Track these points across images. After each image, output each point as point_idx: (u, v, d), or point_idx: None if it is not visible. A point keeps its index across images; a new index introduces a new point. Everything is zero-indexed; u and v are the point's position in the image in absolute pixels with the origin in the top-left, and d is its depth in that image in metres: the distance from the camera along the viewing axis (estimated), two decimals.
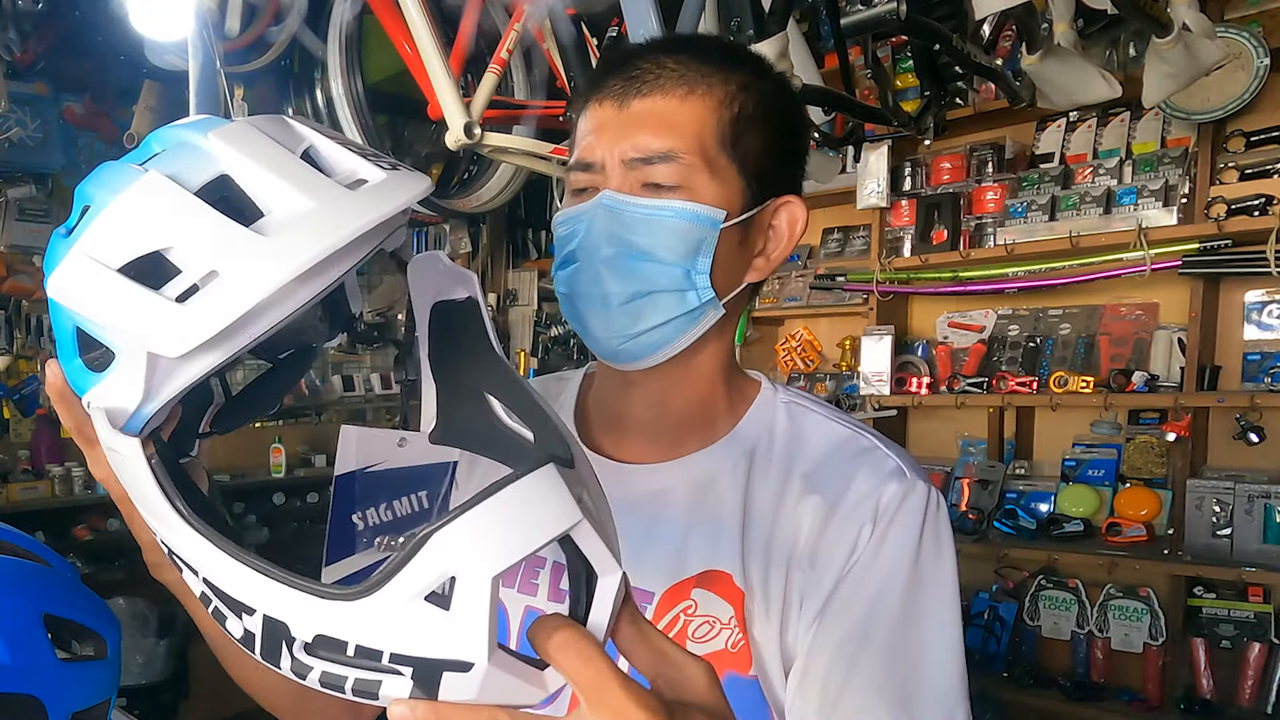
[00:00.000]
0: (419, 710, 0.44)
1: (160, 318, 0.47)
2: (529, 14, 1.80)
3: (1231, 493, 2.60)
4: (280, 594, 0.44)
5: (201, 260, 0.47)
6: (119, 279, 0.49)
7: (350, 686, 0.44)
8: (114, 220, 0.50)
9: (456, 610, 0.42)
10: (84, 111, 3.52)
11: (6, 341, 3.69)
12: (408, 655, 0.43)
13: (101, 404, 0.51)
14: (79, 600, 0.87)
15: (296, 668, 0.45)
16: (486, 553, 0.42)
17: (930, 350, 3.28)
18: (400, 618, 0.42)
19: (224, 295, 0.46)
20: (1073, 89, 1.78)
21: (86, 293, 0.50)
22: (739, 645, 0.79)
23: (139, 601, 3.21)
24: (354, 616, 0.43)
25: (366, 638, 0.43)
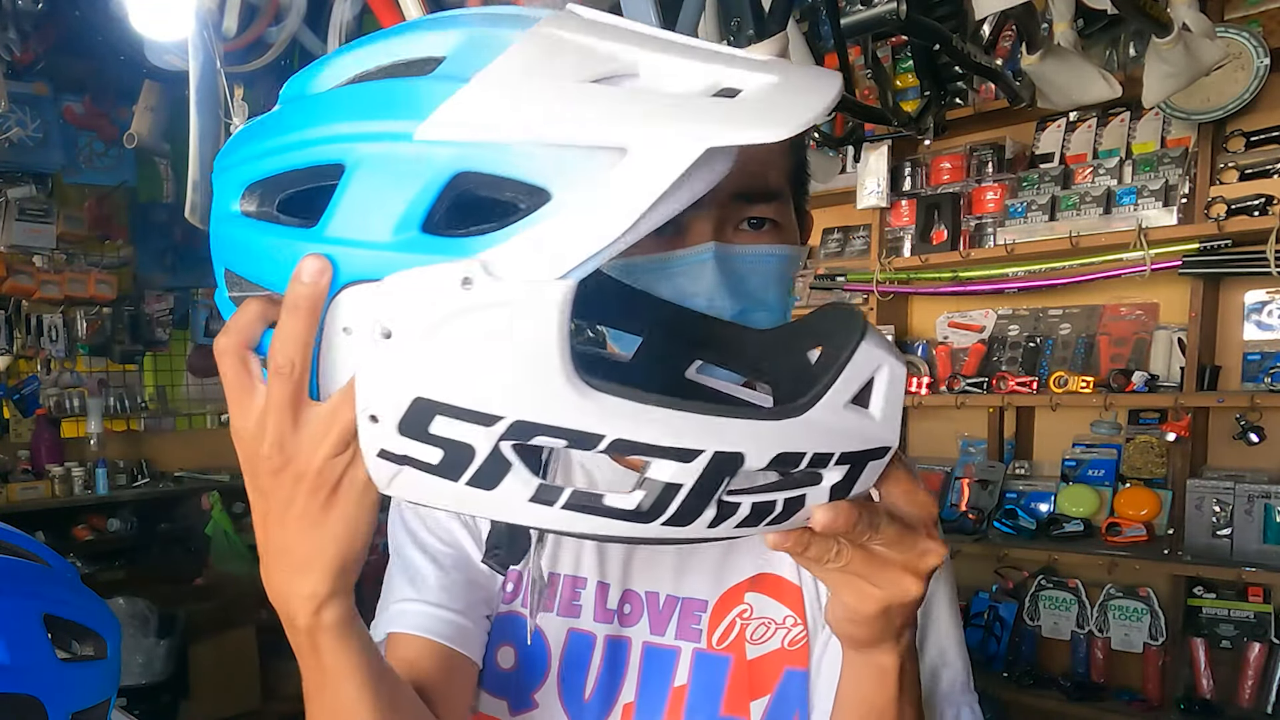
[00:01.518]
0: (844, 508, 0.51)
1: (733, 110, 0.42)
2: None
3: (1231, 493, 2.60)
4: (735, 428, 0.46)
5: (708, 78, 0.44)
6: (607, 89, 0.43)
7: (779, 509, 0.49)
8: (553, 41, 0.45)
9: (875, 406, 0.50)
10: (84, 111, 3.52)
11: (6, 341, 3.69)
12: (851, 452, 0.49)
13: (510, 265, 0.43)
14: (79, 600, 0.87)
15: (721, 511, 0.48)
16: (896, 354, 0.50)
17: (930, 350, 3.28)
18: (838, 422, 0.48)
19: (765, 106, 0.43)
20: (1073, 89, 1.78)
21: (532, 115, 0.43)
22: (798, 642, 0.81)
23: (139, 601, 3.21)
24: (807, 429, 0.47)
25: (820, 444, 0.48)
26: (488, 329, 0.43)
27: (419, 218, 0.44)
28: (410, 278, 0.44)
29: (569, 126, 0.42)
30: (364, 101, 0.46)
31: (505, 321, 0.43)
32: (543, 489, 0.47)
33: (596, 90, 0.43)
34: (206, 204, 1.71)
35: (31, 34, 2.26)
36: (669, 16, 1.26)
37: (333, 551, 0.54)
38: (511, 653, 0.84)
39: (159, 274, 4.09)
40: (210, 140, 1.68)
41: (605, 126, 0.42)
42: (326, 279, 0.46)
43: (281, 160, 0.48)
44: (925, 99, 1.96)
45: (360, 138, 0.45)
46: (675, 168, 0.42)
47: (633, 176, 0.42)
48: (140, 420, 4.12)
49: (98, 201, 3.83)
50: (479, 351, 0.44)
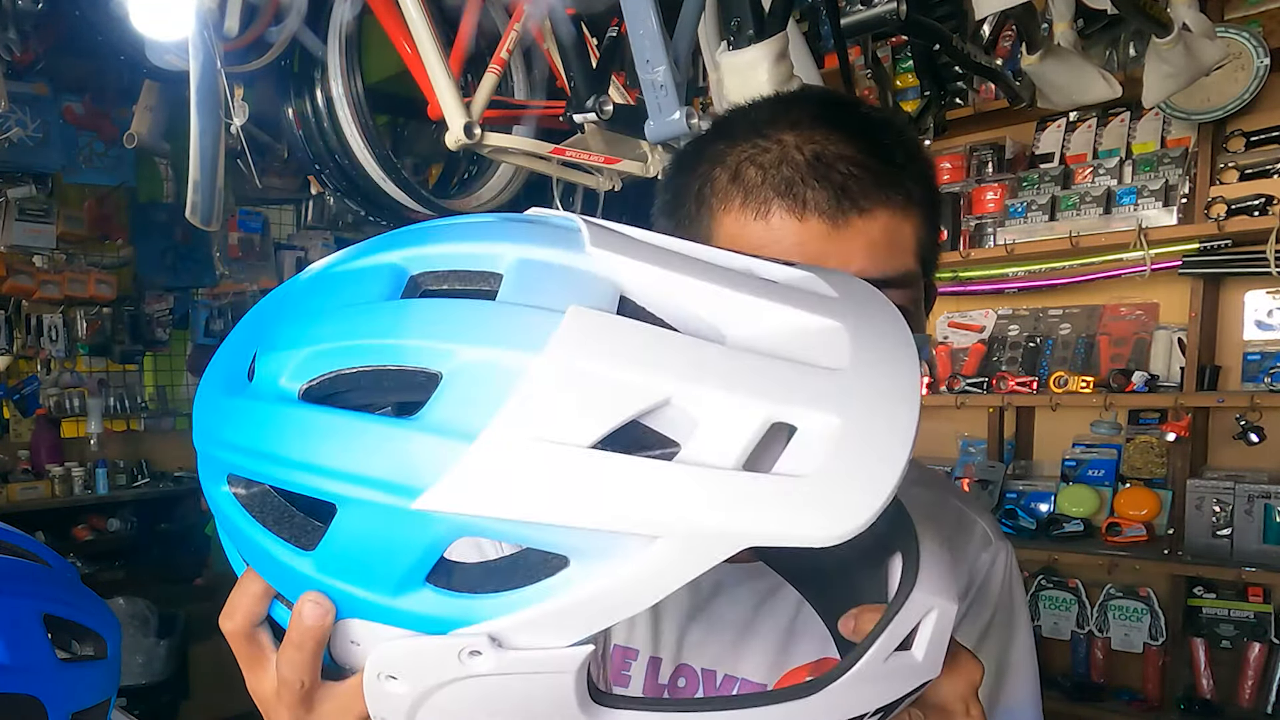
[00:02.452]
0: None
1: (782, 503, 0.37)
2: (529, 14, 1.80)
3: (1231, 493, 2.60)
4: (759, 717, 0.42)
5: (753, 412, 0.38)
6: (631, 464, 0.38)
7: None
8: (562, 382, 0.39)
9: (918, 647, 0.46)
10: (84, 111, 3.52)
11: (6, 341, 3.69)
12: (885, 704, 0.45)
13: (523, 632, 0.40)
14: (79, 600, 0.87)
15: None
16: (947, 591, 0.47)
17: (930, 350, 3.28)
18: (878, 674, 0.45)
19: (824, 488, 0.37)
20: (1073, 89, 1.78)
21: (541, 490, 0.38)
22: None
23: (139, 601, 3.21)
24: (842, 695, 0.44)
25: (854, 707, 0.44)
26: (497, 689, 0.42)
27: (421, 576, 0.41)
28: (410, 644, 0.42)
29: (589, 512, 0.38)
30: (358, 447, 0.41)
31: (516, 685, 0.41)
32: None
33: (618, 466, 0.38)
34: (207, 204, 1.71)
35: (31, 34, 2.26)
36: (669, 17, 1.26)
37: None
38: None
39: (159, 274, 4.09)
40: (210, 140, 1.68)
41: (633, 514, 0.38)
42: (329, 620, 0.45)
43: (269, 476, 0.44)
44: (925, 99, 1.96)
45: (356, 494, 0.41)
46: (710, 559, 0.38)
47: (662, 564, 0.38)
48: (140, 420, 4.12)
49: (98, 201, 3.82)
50: (488, 706, 0.43)
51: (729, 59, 1.21)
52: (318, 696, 0.50)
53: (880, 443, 0.38)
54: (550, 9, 1.63)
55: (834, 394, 0.39)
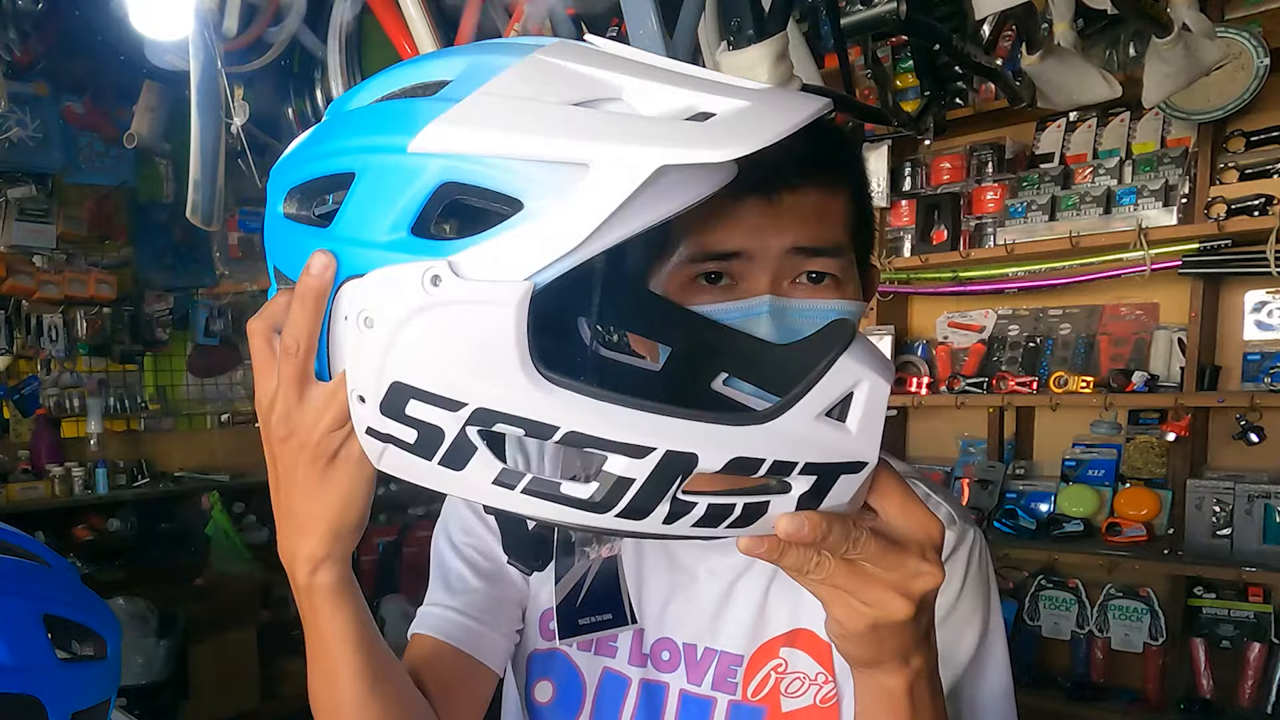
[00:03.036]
0: (810, 518, 0.50)
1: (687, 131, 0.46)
2: (529, 14, 1.79)
3: (1231, 493, 2.60)
4: (689, 429, 0.48)
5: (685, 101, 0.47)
6: (583, 110, 0.47)
7: (737, 513, 0.50)
8: (544, 68, 0.49)
9: (853, 421, 0.50)
10: (84, 111, 3.52)
11: (6, 341, 3.69)
12: (816, 463, 0.49)
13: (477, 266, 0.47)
14: (79, 600, 0.87)
15: (675, 509, 0.49)
16: (879, 370, 0.50)
17: (930, 350, 3.28)
18: (808, 432, 0.49)
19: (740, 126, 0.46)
20: (1073, 89, 1.78)
21: (513, 133, 0.47)
22: (830, 700, 0.82)
23: (139, 601, 3.21)
24: (768, 436, 0.48)
25: (782, 452, 0.48)
26: (452, 323, 0.48)
27: (409, 221, 0.49)
28: (386, 273, 0.49)
29: (539, 142, 0.46)
30: (376, 118, 0.52)
31: (467, 317, 0.47)
32: (505, 473, 0.50)
33: (571, 111, 0.47)
34: (207, 204, 1.71)
35: (31, 34, 2.26)
36: (669, 17, 1.26)
37: (329, 517, 0.61)
38: (549, 688, 0.89)
39: (159, 274, 4.09)
40: (210, 140, 1.68)
41: (571, 143, 0.46)
42: (330, 273, 0.52)
43: (312, 168, 0.54)
44: (925, 99, 1.96)
45: (367, 149, 0.51)
46: (630, 183, 0.45)
47: (592, 190, 0.46)
48: (140, 420, 4.12)
49: (98, 201, 3.82)
50: (445, 343, 0.48)
51: (729, 59, 1.21)
52: (309, 393, 0.56)
53: (778, 112, 0.47)
54: (550, 9, 1.63)
55: (747, 93, 0.49)
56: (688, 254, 0.75)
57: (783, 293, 0.74)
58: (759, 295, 0.73)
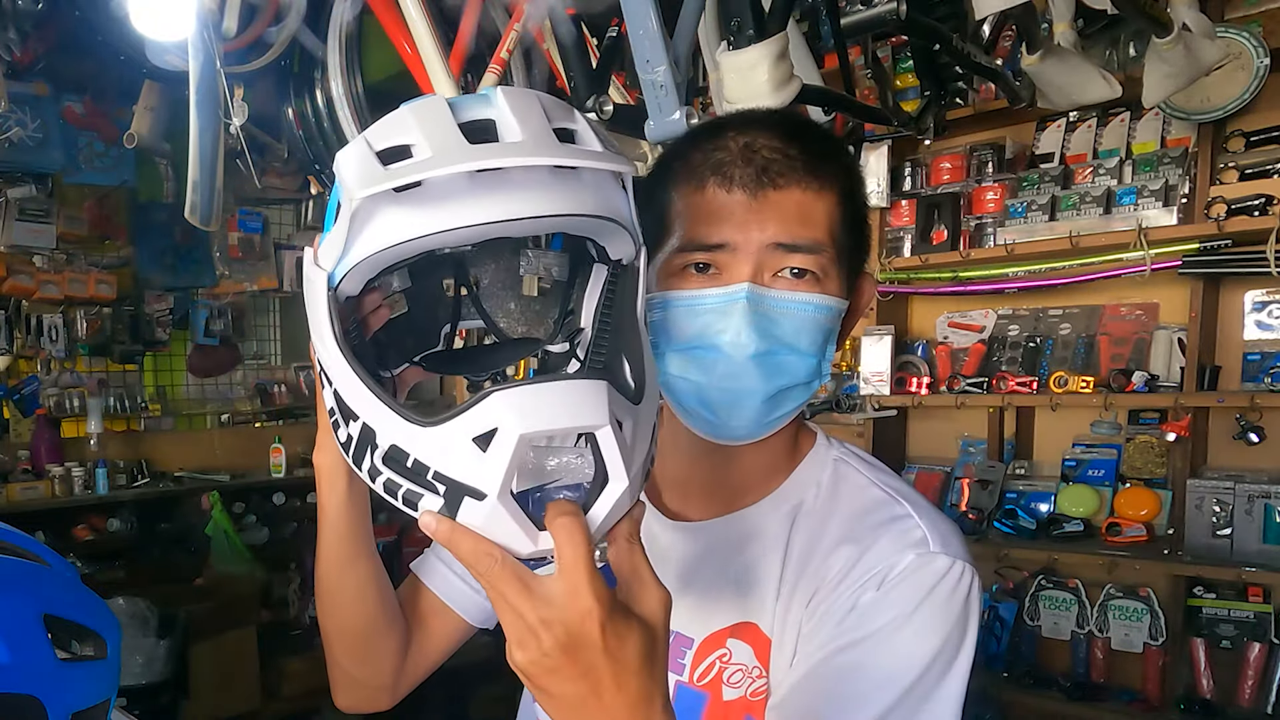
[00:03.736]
0: (442, 522, 0.57)
1: (364, 169, 0.58)
2: (529, 14, 1.79)
3: (1231, 493, 2.60)
4: (376, 407, 0.60)
5: (421, 151, 0.58)
6: (370, 154, 0.59)
7: (401, 495, 0.60)
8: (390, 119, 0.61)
9: (489, 453, 0.55)
10: (84, 111, 3.51)
11: (6, 341, 3.69)
12: (445, 475, 0.57)
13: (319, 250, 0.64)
14: (79, 600, 0.87)
15: (371, 470, 0.61)
16: (524, 418, 0.55)
17: (930, 350, 3.28)
18: (450, 447, 0.56)
19: (411, 164, 0.57)
20: (1073, 89, 1.78)
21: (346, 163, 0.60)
22: (759, 694, 0.83)
23: (139, 601, 3.20)
24: (419, 438, 0.58)
25: (423, 455, 0.58)
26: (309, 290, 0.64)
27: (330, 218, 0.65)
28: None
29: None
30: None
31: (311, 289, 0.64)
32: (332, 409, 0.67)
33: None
34: (206, 204, 1.71)
35: (31, 34, 2.26)
36: (669, 17, 1.26)
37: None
38: None
39: (159, 274, 4.08)
40: (210, 140, 1.68)
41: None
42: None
43: None
44: (925, 99, 1.96)
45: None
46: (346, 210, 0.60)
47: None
48: (140, 420, 4.12)
49: (98, 201, 3.82)
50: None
51: (729, 59, 1.21)
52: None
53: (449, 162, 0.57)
54: (550, 9, 1.63)
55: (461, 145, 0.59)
56: (679, 244, 0.80)
57: (764, 283, 0.78)
58: (739, 283, 0.78)
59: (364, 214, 0.59)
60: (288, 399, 4.54)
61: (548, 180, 0.60)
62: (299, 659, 3.74)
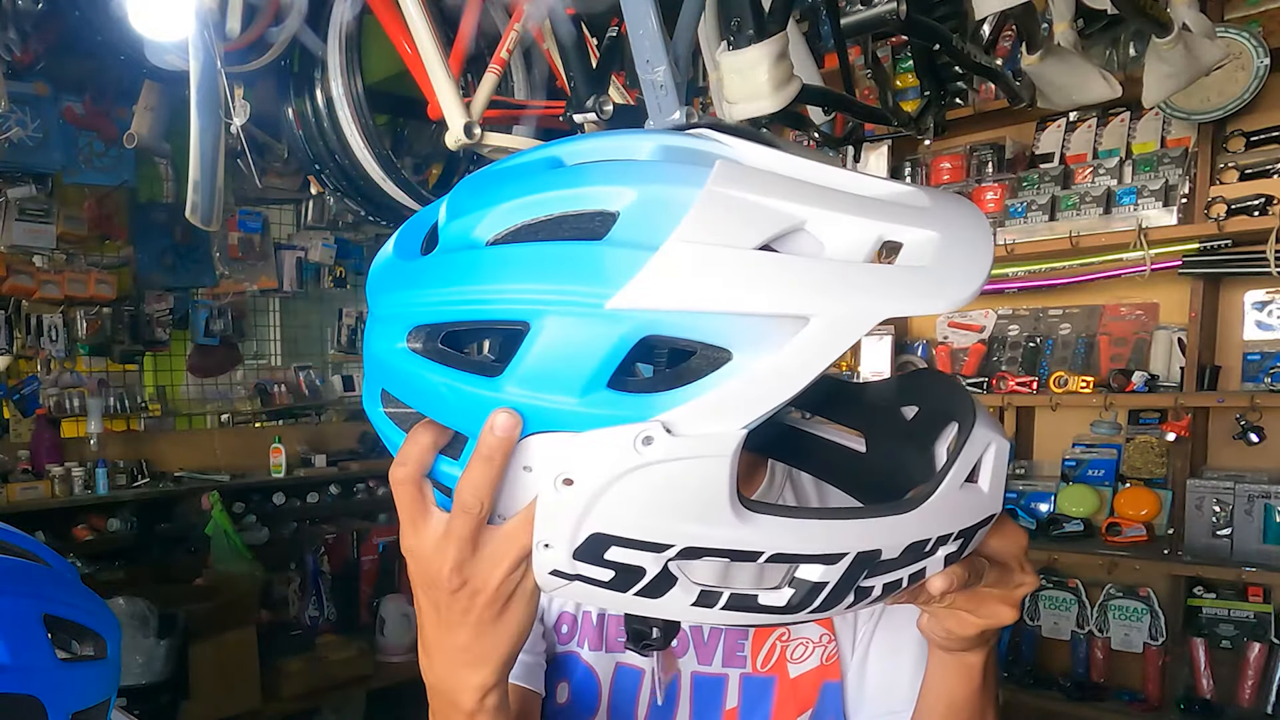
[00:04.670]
0: (956, 572, 0.56)
1: (897, 282, 0.47)
2: (529, 14, 1.79)
3: (1231, 493, 2.60)
4: (874, 527, 0.51)
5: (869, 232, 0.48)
6: (784, 260, 0.47)
7: (904, 583, 0.55)
8: (731, 199, 0.48)
9: (984, 481, 0.55)
10: (84, 111, 3.51)
11: (6, 341, 3.69)
12: (963, 528, 0.54)
13: (691, 422, 0.47)
14: (79, 600, 0.87)
15: (858, 596, 0.53)
16: (999, 430, 0.56)
17: (930, 350, 3.28)
18: (955, 502, 0.53)
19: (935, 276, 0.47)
20: (1073, 89, 1.78)
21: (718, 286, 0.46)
22: (833, 657, 0.87)
23: (139, 601, 3.20)
24: (930, 515, 0.52)
25: (940, 527, 0.53)
26: (665, 478, 0.48)
27: (605, 377, 0.47)
28: (595, 439, 0.48)
29: (755, 297, 0.46)
30: (552, 265, 0.48)
31: (681, 471, 0.47)
32: (703, 595, 0.52)
33: (776, 261, 0.47)
34: (206, 204, 1.71)
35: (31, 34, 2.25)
36: (669, 17, 1.26)
37: (505, 650, 0.60)
38: (566, 689, 0.92)
39: (159, 274, 4.09)
40: (210, 140, 1.68)
41: (789, 298, 0.46)
42: (518, 431, 0.50)
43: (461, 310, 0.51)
44: (925, 99, 1.96)
45: (551, 302, 0.48)
46: (853, 335, 0.47)
47: (813, 343, 0.46)
48: (140, 420, 4.12)
49: (98, 201, 3.82)
50: (656, 496, 0.48)
51: (729, 59, 1.21)
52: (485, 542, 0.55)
53: (971, 246, 0.49)
54: (550, 9, 1.63)
55: (931, 219, 0.49)
56: None
57: None
58: None
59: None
60: (288, 399, 4.54)
61: None
62: (299, 659, 3.74)
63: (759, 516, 0.49)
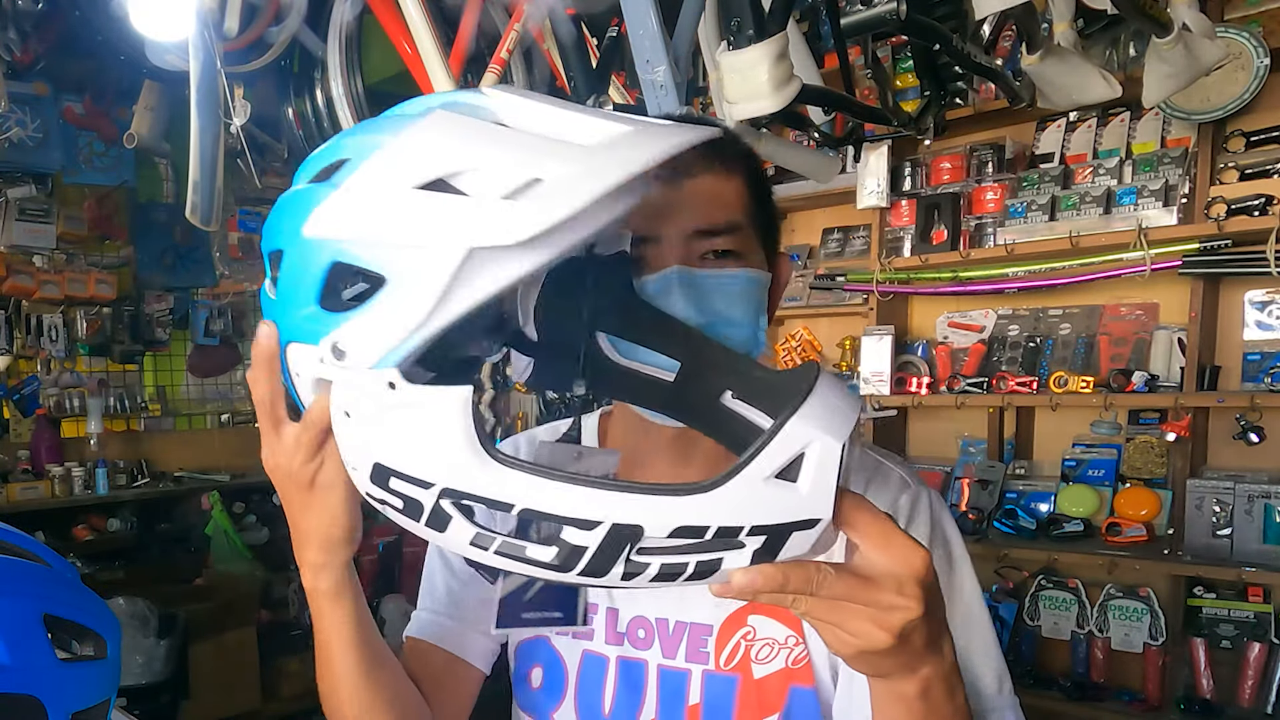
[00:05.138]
0: (765, 571, 0.53)
1: (489, 213, 0.50)
2: (529, 14, 1.79)
3: (1231, 493, 2.60)
4: (633, 502, 0.51)
5: (520, 171, 0.51)
6: (421, 194, 0.52)
7: (690, 570, 0.53)
8: (406, 148, 0.54)
9: (804, 480, 0.51)
10: (84, 111, 3.52)
11: (6, 341, 3.69)
12: (765, 524, 0.51)
13: (352, 340, 0.54)
14: (79, 600, 0.87)
15: (630, 569, 0.53)
16: (832, 430, 0.52)
17: (930, 350, 3.28)
18: (756, 496, 0.51)
19: (554, 195, 0.50)
20: (1073, 89, 1.78)
21: (371, 217, 0.53)
22: (801, 660, 0.86)
23: (139, 601, 3.20)
24: (712, 504, 0.51)
25: (726, 518, 0.51)
26: (411, 420, 0.54)
27: (315, 295, 0.56)
28: (351, 379, 0.55)
29: (397, 230, 0.53)
30: (288, 204, 0.60)
31: (421, 416, 0.53)
32: (479, 535, 0.56)
33: (424, 198, 0.53)
34: (206, 204, 1.71)
35: (31, 34, 2.26)
36: (669, 17, 1.26)
37: (319, 531, 0.72)
38: (540, 673, 0.95)
39: (159, 274, 4.09)
40: (210, 140, 1.68)
41: (412, 230, 0.52)
42: (274, 340, 0.62)
43: (264, 244, 0.63)
44: (925, 99, 1.96)
45: (283, 233, 0.59)
46: (447, 268, 0.51)
47: (422, 274, 0.52)
48: (140, 420, 4.12)
49: (98, 201, 3.83)
50: (409, 436, 0.54)
51: (729, 59, 1.21)
52: (283, 433, 0.67)
53: (594, 176, 0.50)
54: (550, 9, 1.63)
55: (586, 152, 0.52)
56: None
57: (692, 265, 0.83)
58: (669, 267, 0.81)
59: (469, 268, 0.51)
60: None
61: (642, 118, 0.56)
62: (299, 659, 3.74)
63: (506, 470, 0.52)
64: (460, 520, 0.55)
